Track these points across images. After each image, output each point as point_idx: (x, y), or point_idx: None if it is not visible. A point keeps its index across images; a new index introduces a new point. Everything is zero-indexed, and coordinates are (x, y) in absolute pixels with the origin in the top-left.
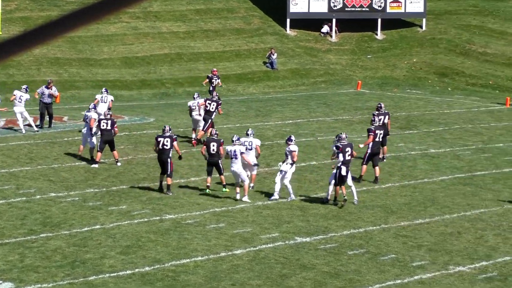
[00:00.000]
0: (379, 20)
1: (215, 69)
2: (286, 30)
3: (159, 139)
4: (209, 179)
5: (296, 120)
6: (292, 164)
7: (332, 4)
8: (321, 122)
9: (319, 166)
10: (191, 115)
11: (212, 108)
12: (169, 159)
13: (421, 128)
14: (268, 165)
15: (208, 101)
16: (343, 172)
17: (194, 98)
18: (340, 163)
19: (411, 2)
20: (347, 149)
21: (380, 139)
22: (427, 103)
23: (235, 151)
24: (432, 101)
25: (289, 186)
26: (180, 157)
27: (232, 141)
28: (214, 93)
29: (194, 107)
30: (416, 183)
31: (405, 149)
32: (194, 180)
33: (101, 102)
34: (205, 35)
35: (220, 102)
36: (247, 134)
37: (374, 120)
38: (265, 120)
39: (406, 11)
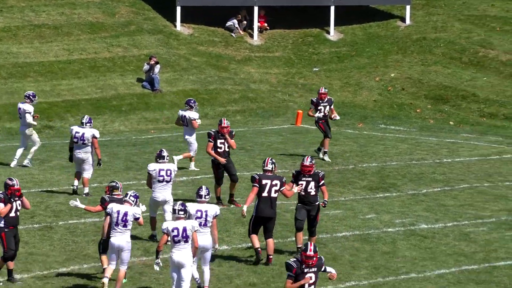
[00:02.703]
0: (332, 9)
1: (324, 89)
2: (175, 26)
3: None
4: None
5: (195, 176)
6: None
7: None
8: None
9: (232, 254)
10: (71, 155)
11: (227, 147)
12: None
13: (405, 189)
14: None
15: (219, 140)
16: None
17: (83, 124)
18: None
19: None
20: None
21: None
22: (414, 147)
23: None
24: (423, 143)
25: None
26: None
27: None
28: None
29: (76, 138)
30: (397, 280)
31: (378, 224)
32: None
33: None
34: (36, 33)
35: (233, 133)
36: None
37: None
38: (141, 177)
39: None
